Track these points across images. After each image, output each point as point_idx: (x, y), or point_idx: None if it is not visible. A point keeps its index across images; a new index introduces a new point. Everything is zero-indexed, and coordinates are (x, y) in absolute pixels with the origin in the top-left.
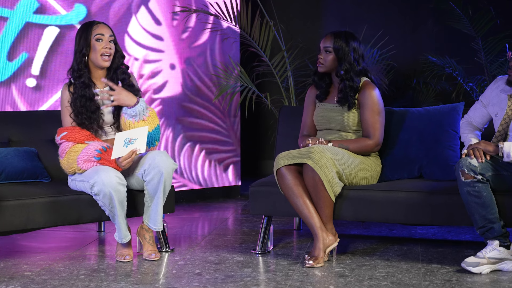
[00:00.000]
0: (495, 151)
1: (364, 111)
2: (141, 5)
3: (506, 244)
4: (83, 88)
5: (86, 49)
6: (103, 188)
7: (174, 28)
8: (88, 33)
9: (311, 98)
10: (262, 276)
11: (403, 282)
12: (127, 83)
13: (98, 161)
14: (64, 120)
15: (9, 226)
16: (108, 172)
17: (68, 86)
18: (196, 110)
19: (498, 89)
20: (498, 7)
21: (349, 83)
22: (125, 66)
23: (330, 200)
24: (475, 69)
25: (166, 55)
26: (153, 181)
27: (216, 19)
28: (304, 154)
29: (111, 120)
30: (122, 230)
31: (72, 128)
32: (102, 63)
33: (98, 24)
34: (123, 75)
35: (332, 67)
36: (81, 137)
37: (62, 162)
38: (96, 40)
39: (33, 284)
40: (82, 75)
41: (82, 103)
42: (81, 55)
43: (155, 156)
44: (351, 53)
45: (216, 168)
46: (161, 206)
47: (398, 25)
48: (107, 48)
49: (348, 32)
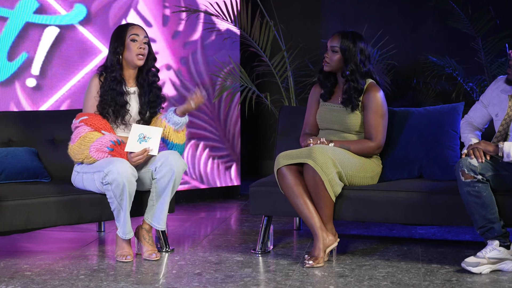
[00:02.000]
0: (495, 151)
1: (367, 113)
2: (130, 8)
3: (506, 244)
4: (114, 82)
5: (120, 48)
6: (117, 177)
7: (166, 28)
8: (124, 33)
9: (315, 96)
10: (262, 276)
11: (403, 282)
12: (156, 86)
13: (110, 152)
14: (87, 105)
15: (9, 226)
16: (123, 163)
17: (99, 76)
18: (196, 110)
19: (499, 89)
20: (498, 7)
21: (354, 84)
22: (155, 69)
23: (331, 200)
24: (475, 69)
25: (160, 56)
26: (163, 178)
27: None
28: (305, 154)
29: (137, 117)
30: (127, 224)
31: (94, 115)
32: (137, 62)
33: (133, 25)
34: (153, 77)
35: (337, 67)
36: (100, 125)
37: (73, 147)
38: (131, 41)
39: (33, 284)
40: (114, 71)
41: (112, 96)
42: (115, 54)
43: (168, 155)
44: (358, 54)
45: (216, 168)
46: (167, 205)
47: (398, 25)
48: (141, 49)
49: (356, 33)
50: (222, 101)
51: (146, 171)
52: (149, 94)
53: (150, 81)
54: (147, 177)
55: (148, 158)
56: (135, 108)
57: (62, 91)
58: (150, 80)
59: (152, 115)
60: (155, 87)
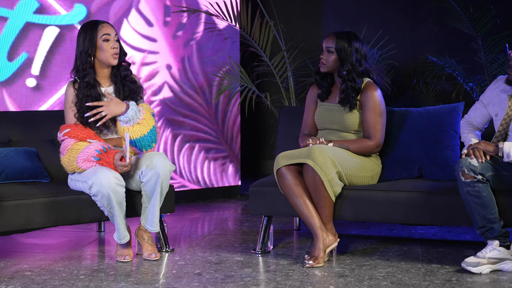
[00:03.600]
0: (495, 151)
1: (365, 112)
2: (132, 8)
3: (506, 244)
4: (88, 88)
5: (91, 50)
6: (101, 189)
7: (167, 28)
8: (94, 33)
9: (313, 97)
10: (262, 276)
11: (403, 282)
12: (129, 80)
13: (97, 162)
14: (68, 117)
15: (9, 226)
16: (106, 173)
17: (73, 83)
18: (196, 109)
19: (499, 89)
20: (498, 6)
21: (351, 83)
22: (126, 63)
23: (330, 200)
24: (475, 69)
25: (161, 56)
26: (150, 182)
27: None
28: (305, 154)
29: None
30: (121, 230)
31: (75, 126)
32: (112, 61)
33: (102, 23)
34: (125, 71)
35: (334, 68)
36: (84, 134)
37: (63, 159)
38: (104, 41)
39: (33, 284)
40: (87, 75)
41: (88, 102)
42: (87, 56)
43: (153, 157)
44: (353, 53)
45: (216, 168)
46: (158, 207)
47: (398, 25)
48: (115, 48)
49: (351, 33)
50: (222, 101)
51: (136, 174)
52: (123, 89)
53: (122, 76)
54: (137, 181)
55: (137, 161)
56: None
57: (62, 91)
58: (122, 75)
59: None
60: (128, 81)
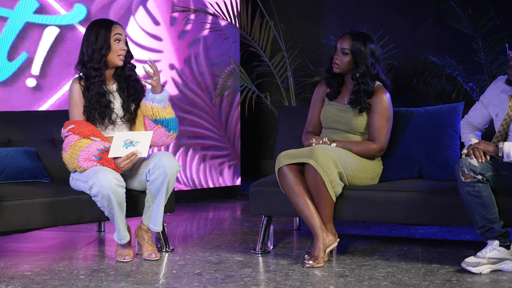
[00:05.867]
0: (495, 151)
1: (373, 115)
2: (139, 6)
3: (506, 244)
4: (100, 85)
5: (106, 50)
6: (101, 190)
7: (173, 28)
8: (108, 32)
9: (320, 95)
10: (262, 276)
11: (403, 282)
12: (133, 79)
13: (98, 161)
14: (72, 113)
15: (9, 226)
16: (106, 174)
17: (79, 80)
18: (196, 109)
19: (499, 90)
20: (498, 7)
21: (364, 86)
22: (131, 65)
23: (331, 200)
24: (475, 69)
25: (165, 55)
26: (157, 181)
27: (215, 19)
28: (307, 153)
29: (122, 113)
30: (121, 231)
31: (80, 122)
32: (118, 62)
33: (115, 24)
34: (130, 71)
35: (347, 69)
36: (88, 131)
37: (65, 156)
38: (115, 41)
39: (33, 284)
40: (98, 75)
41: (97, 99)
42: (101, 55)
43: (161, 156)
44: (369, 56)
45: (216, 168)
46: (163, 207)
47: (398, 25)
48: (123, 50)
49: (367, 34)
50: (223, 101)
51: (141, 173)
52: (128, 88)
53: (127, 75)
54: (142, 181)
55: (141, 160)
56: (119, 105)
57: (62, 91)
58: (127, 75)
59: (137, 107)
60: (132, 80)
